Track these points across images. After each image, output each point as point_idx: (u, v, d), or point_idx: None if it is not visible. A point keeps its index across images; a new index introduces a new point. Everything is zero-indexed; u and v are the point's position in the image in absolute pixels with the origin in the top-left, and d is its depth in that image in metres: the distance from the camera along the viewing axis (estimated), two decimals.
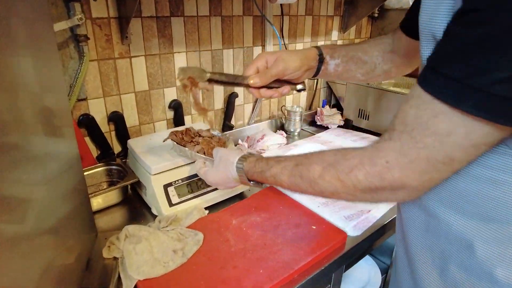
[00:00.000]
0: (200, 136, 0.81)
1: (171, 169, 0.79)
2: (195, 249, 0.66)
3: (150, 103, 1.04)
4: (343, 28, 1.51)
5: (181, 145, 0.77)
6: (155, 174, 0.77)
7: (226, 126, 1.24)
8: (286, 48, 1.30)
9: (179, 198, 0.78)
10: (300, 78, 0.67)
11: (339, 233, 0.71)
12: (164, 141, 0.80)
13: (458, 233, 0.43)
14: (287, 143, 1.21)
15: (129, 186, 0.88)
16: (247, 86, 0.64)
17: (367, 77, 0.70)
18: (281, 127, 1.36)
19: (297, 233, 0.70)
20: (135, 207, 0.84)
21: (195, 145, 0.77)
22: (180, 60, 1.05)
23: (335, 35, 1.51)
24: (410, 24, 0.61)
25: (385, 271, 1.14)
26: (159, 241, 0.65)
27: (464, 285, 0.44)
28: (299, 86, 0.69)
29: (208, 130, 0.84)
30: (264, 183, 0.59)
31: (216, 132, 0.85)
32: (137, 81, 0.99)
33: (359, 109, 1.35)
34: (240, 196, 0.88)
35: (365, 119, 1.33)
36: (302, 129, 1.37)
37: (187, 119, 1.13)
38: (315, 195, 0.49)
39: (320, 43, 1.46)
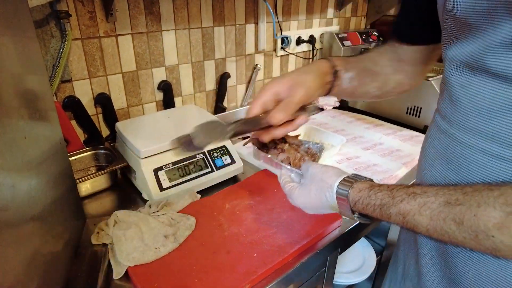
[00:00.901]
0: (286, 142, 0.67)
1: (161, 153, 0.76)
2: (187, 234, 0.64)
3: (139, 84, 1.00)
4: (339, 5, 1.46)
5: (262, 151, 0.64)
6: (144, 157, 0.74)
7: (219, 108, 1.21)
8: (280, 27, 1.26)
9: (170, 182, 0.75)
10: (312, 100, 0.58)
11: (335, 215, 0.70)
12: (244, 144, 0.70)
13: None
14: None
15: (118, 171, 0.85)
16: (269, 127, 0.55)
17: (381, 92, 0.63)
18: None
19: (291, 216, 0.69)
20: (125, 192, 0.82)
21: (279, 153, 0.64)
22: (169, 38, 1.01)
23: (330, 12, 1.46)
24: (403, 29, 0.58)
25: (380, 253, 1.14)
26: (150, 226, 0.63)
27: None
28: (312, 108, 0.60)
29: (297, 136, 0.71)
30: (379, 219, 0.43)
31: (309, 143, 0.69)
32: (124, 61, 0.95)
33: None
34: (234, 180, 0.86)
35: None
36: None
37: (177, 101, 1.10)
38: (481, 251, 0.34)
39: (316, 21, 1.41)
